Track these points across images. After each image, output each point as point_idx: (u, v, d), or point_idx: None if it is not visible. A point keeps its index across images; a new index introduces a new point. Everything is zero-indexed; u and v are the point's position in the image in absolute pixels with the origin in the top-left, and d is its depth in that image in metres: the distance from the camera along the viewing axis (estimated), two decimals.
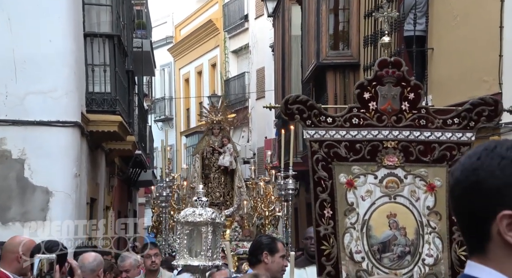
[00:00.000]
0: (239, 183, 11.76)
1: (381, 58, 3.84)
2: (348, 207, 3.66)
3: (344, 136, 3.68)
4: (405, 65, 3.79)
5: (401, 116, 3.71)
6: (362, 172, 3.68)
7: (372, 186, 3.69)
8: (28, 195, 7.43)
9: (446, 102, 7.43)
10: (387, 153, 3.70)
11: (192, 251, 3.44)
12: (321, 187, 3.66)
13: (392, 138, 3.69)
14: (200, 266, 3.39)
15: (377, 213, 3.67)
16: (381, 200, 3.68)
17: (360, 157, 3.68)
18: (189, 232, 3.44)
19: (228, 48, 23.77)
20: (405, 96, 3.71)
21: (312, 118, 3.69)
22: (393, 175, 3.69)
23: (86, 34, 8.83)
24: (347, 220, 3.66)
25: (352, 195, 3.67)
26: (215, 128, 11.87)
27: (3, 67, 7.45)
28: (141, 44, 14.95)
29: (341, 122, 3.69)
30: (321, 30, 10.67)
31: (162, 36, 28.06)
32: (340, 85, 10.55)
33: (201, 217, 3.44)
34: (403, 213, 3.67)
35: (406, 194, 3.69)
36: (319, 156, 3.67)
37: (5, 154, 7.46)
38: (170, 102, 28.39)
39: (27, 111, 7.52)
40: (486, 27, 6.77)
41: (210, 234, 3.42)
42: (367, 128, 3.69)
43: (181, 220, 3.47)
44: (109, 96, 9.08)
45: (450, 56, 7.48)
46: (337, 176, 3.67)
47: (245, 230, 10.61)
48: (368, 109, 3.70)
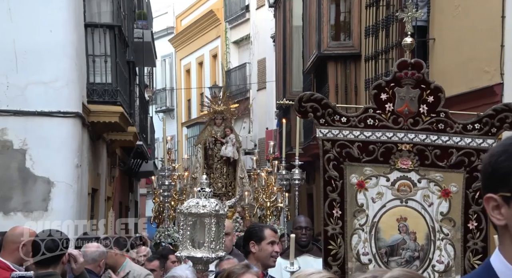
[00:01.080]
0: (241, 173, 11.70)
1: (401, 59, 3.75)
2: (358, 208, 3.62)
3: (358, 136, 3.63)
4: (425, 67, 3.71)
5: (418, 119, 3.64)
6: (374, 174, 3.63)
7: (384, 188, 3.64)
8: (30, 185, 7.44)
9: (447, 93, 7.38)
10: (401, 155, 3.64)
11: (195, 242, 3.41)
12: (331, 186, 3.61)
13: (407, 141, 3.62)
14: (203, 257, 3.36)
15: (387, 216, 3.63)
16: (392, 203, 3.63)
17: (373, 158, 3.63)
18: (192, 223, 3.41)
19: (229, 39, 23.72)
20: (423, 99, 3.64)
21: (325, 117, 3.63)
22: (406, 178, 3.64)
23: (87, 24, 8.82)
24: (356, 221, 3.62)
25: (363, 196, 3.63)
26: (218, 118, 11.79)
27: (4, 58, 7.45)
28: (142, 35, 14.91)
29: (355, 122, 3.63)
30: (322, 20, 10.64)
31: (163, 27, 28.00)
32: (341, 76, 10.53)
33: (204, 208, 3.39)
34: (414, 218, 3.62)
35: (418, 198, 3.63)
36: (331, 155, 3.62)
37: (7, 144, 7.47)
38: (171, 93, 28.37)
39: (28, 101, 7.52)
40: (488, 17, 6.74)
41: (214, 225, 3.38)
42: (381, 130, 3.63)
43: (184, 211, 3.42)
44: (110, 87, 9.08)
45: (451, 47, 7.46)
46: (348, 176, 3.62)
47: (247, 221, 10.54)
48: (384, 111, 3.63)
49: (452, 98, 7.25)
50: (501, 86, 6.47)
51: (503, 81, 6.47)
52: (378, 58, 9.20)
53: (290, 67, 14.66)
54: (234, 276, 3.14)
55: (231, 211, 11.21)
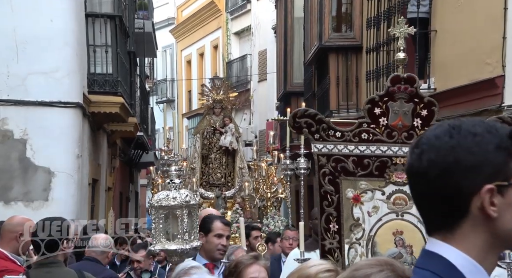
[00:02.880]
0: (240, 163, 11.52)
1: (394, 74, 3.76)
2: (354, 222, 3.64)
3: (353, 151, 3.65)
4: (419, 81, 3.71)
5: (413, 133, 3.65)
6: (369, 188, 3.65)
7: (379, 202, 3.65)
8: (30, 174, 7.45)
9: (449, 85, 7.41)
10: (396, 169, 3.65)
11: (169, 235, 3.39)
12: (327, 201, 3.63)
13: (401, 154, 3.63)
14: (177, 249, 3.33)
15: (383, 230, 3.64)
16: (388, 217, 3.65)
17: (368, 173, 3.65)
18: (164, 216, 3.38)
19: (230, 30, 23.67)
20: (417, 113, 3.65)
21: (320, 132, 3.65)
22: (401, 191, 3.64)
23: (88, 14, 8.80)
24: (353, 235, 3.64)
25: (359, 210, 3.64)
26: (217, 107, 11.53)
27: (5, 48, 7.44)
28: (142, 25, 14.89)
29: (350, 137, 3.65)
30: (324, 12, 10.60)
31: (164, 17, 27.93)
32: (342, 67, 10.50)
33: (175, 200, 3.36)
34: (410, 231, 3.63)
35: (414, 212, 3.61)
36: (327, 170, 3.64)
37: (7, 134, 7.47)
38: (172, 84, 28.34)
39: (29, 91, 7.51)
40: (490, 9, 6.72)
41: (186, 216, 3.36)
42: (376, 144, 3.65)
43: (155, 205, 3.39)
44: (110, 77, 9.07)
45: (453, 39, 7.44)
46: (344, 190, 3.63)
47: (246, 212, 10.42)
48: (378, 125, 3.65)
49: (453, 90, 7.25)
50: (503, 78, 6.46)
51: (505, 74, 6.46)
52: (380, 50, 9.18)
53: (291, 59, 14.63)
54: (241, 266, 3.14)
55: (230, 201, 11.11)
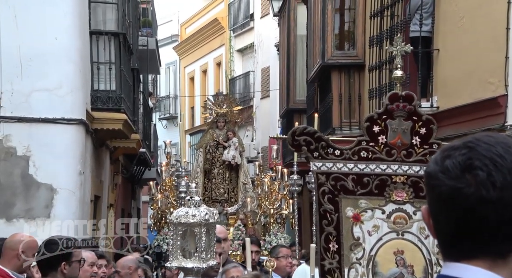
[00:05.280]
0: (244, 179, 11.22)
1: (392, 92, 3.75)
2: (354, 242, 3.59)
3: (352, 169, 3.61)
4: (417, 100, 3.69)
5: (412, 151, 3.62)
6: (369, 206, 3.61)
7: (380, 221, 3.61)
8: (33, 191, 7.45)
9: (451, 103, 7.42)
10: (396, 187, 3.61)
11: (186, 252, 3.37)
12: (326, 220, 3.59)
13: (401, 173, 3.60)
14: (194, 267, 3.32)
15: (384, 249, 3.59)
16: (389, 236, 3.60)
17: (368, 191, 3.61)
18: (182, 233, 3.37)
19: (233, 47, 23.77)
20: (416, 131, 3.62)
21: (319, 150, 3.62)
22: (401, 210, 3.61)
23: (92, 31, 8.85)
24: (353, 255, 3.59)
25: (359, 229, 3.60)
26: (220, 121, 11.23)
27: (9, 64, 7.47)
28: (146, 42, 14.96)
29: (349, 155, 3.61)
30: (327, 29, 10.65)
31: (168, 35, 28.07)
32: (345, 85, 10.52)
33: (194, 218, 3.34)
34: (411, 250, 3.58)
35: (415, 231, 3.60)
36: (326, 188, 3.60)
37: (10, 151, 7.48)
38: (175, 101, 28.41)
39: (32, 108, 7.53)
40: (492, 28, 6.74)
41: (204, 235, 3.34)
42: (375, 162, 3.62)
43: (174, 221, 3.38)
44: (114, 94, 9.10)
45: (455, 57, 7.46)
46: (343, 209, 3.59)
47: (249, 228, 10.17)
48: (377, 143, 3.62)
49: (456, 109, 7.26)
50: (506, 97, 6.46)
51: (508, 93, 6.46)
52: (382, 68, 9.20)
53: (294, 76, 14.67)
54: None
55: (233, 218, 10.94)
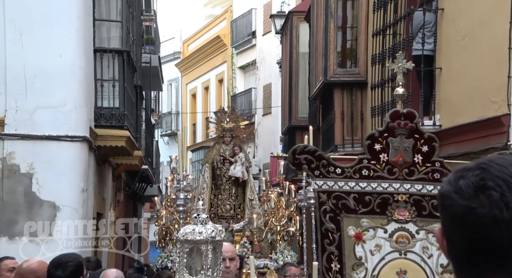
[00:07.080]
0: (251, 195, 10.98)
1: (393, 109, 3.73)
2: (356, 261, 3.55)
3: (353, 188, 3.58)
4: (418, 117, 3.69)
5: (414, 169, 3.59)
6: (371, 225, 3.57)
7: (382, 240, 3.57)
8: (36, 209, 7.44)
9: (454, 122, 7.44)
10: (398, 206, 3.58)
11: (192, 269, 3.35)
12: (328, 239, 3.55)
13: (403, 191, 3.57)
14: None
15: (387, 269, 3.56)
16: (391, 255, 3.56)
17: (370, 210, 3.57)
18: (189, 250, 3.36)
19: (236, 64, 23.86)
20: (418, 149, 3.59)
21: (320, 169, 3.59)
22: (404, 229, 3.57)
23: (96, 49, 8.89)
24: (355, 275, 3.54)
25: (361, 248, 3.56)
26: (226, 136, 11.02)
27: (14, 82, 7.50)
28: (149, 60, 15.03)
29: (350, 173, 3.58)
30: (329, 47, 10.69)
31: (170, 52, 28.20)
32: (347, 103, 10.54)
33: (201, 235, 3.33)
34: (414, 270, 3.55)
35: (417, 250, 3.56)
36: (327, 207, 3.57)
37: (14, 168, 7.49)
38: (177, 117, 28.45)
39: (36, 125, 7.55)
40: (495, 48, 6.78)
41: (210, 252, 3.33)
42: (377, 181, 3.58)
43: (181, 238, 3.38)
44: (117, 111, 9.12)
45: (458, 76, 7.49)
46: (345, 228, 3.56)
47: (255, 246, 9.89)
48: (379, 161, 3.59)
49: (458, 127, 7.27)
50: (508, 117, 6.48)
51: (510, 112, 6.48)
52: (385, 86, 9.23)
53: (296, 93, 14.70)
54: None
55: (239, 235, 10.69)
